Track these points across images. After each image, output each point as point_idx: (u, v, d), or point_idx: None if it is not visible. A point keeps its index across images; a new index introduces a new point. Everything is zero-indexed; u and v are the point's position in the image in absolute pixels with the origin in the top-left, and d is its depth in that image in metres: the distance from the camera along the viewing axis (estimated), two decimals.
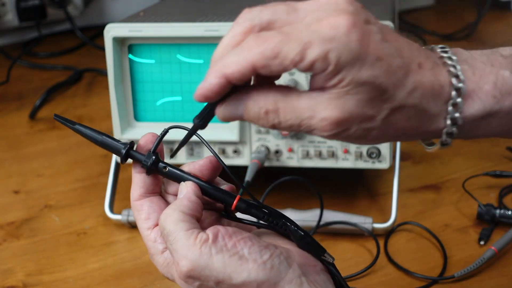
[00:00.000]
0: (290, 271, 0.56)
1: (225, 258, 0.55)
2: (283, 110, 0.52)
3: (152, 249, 0.60)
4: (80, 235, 1.00)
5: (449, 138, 0.54)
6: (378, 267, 0.90)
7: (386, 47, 0.51)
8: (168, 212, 0.57)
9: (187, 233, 0.56)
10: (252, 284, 0.55)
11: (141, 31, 0.95)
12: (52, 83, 1.49)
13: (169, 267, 0.59)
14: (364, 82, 0.50)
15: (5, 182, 1.16)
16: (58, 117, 0.61)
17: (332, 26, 0.49)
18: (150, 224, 0.60)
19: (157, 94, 0.98)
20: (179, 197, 0.59)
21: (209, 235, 0.56)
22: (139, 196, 0.61)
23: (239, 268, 0.55)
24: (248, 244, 0.56)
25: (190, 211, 0.57)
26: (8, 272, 0.93)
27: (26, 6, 1.71)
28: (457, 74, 0.53)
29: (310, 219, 0.95)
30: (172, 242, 0.56)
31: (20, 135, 1.32)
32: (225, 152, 0.98)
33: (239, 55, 0.50)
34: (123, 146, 0.60)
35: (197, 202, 0.59)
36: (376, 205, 1.03)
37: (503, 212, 0.95)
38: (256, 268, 0.55)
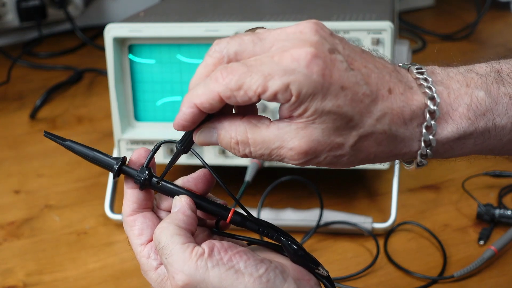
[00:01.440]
0: (285, 285, 0.56)
1: (221, 272, 0.54)
2: (253, 140, 0.53)
3: (145, 266, 0.59)
4: (81, 235, 1.00)
5: (424, 159, 0.55)
6: (378, 267, 0.90)
7: (351, 75, 0.51)
8: (163, 226, 0.57)
9: (183, 246, 0.55)
10: None
11: (141, 31, 0.95)
12: (52, 83, 1.50)
13: (163, 283, 0.58)
14: (328, 111, 0.51)
15: (5, 182, 1.16)
16: (48, 134, 0.61)
17: (294, 58, 0.50)
18: (144, 240, 0.60)
19: (157, 94, 0.98)
20: (174, 211, 0.59)
21: (205, 249, 0.55)
22: (132, 211, 0.60)
23: (235, 282, 0.54)
24: (244, 258, 0.56)
25: (185, 225, 0.57)
26: (8, 271, 0.93)
27: (26, 6, 1.71)
28: (433, 96, 0.53)
29: (310, 219, 0.95)
30: (168, 255, 0.55)
31: (20, 135, 1.32)
32: (225, 152, 0.98)
33: (206, 87, 0.52)
34: (115, 161, 0.60)
35: (192, 216, 0.58)
36: (376, 205, 1.03)
37: (502, 212, 0.95)
38: (252, 282, 0.55)
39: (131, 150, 0.99)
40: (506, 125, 0.55)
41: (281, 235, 0.60)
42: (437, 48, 1.61)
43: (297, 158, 0.52)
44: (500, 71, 0.57)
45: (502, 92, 0.55)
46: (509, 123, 0.55)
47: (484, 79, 0.55)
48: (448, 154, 0.56)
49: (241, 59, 0.53)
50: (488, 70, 0.57)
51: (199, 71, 0.55)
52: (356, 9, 1.03)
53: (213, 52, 0.54)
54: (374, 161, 0.55)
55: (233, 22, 0.94)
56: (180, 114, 0.54)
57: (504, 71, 0.57)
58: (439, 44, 1.65)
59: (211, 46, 0.54)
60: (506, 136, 0.56)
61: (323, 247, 0.94)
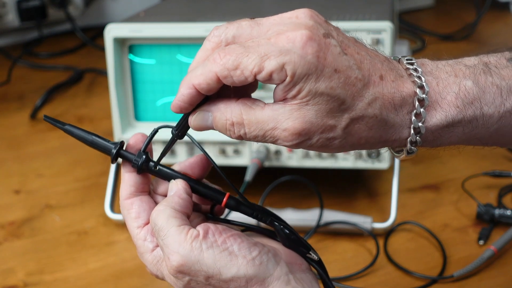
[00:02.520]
0: (278, 268, 0.57)
1: (215, 253, 0.56)
2: (248, 122, 0.54)
3: (141, 248, 0.61)
4: (81, 235, 1.01)
5: (414, 146, 0.56)
6: (378, 266, 0.90)
7: (344, 59, 0.53)
8: (159, 209, 0.58)
9: (179, 228, 0.57)
10: (241, 280, 0.56)
11: (141, 32, 0.95)
12: (52, 83, 1.50)
13: (158, 264, 0.60)
14: (321, 93, 0.52)
15: (6, 182, 1.16)
16: (47, 118, 0.62)
17: (290, 39, 0.52)
18: (140, 223, 0.61)
19: (157, 94, 0.99)
20: (170, 195, 0.60)
21: (200, 231, 0.57)
22: (129, 195, 0.62)
23: (229, 263, 0.56)
24: (238, 241, 0.57)
25: (181, 208, 0.59)
26: (9, 271, 0.93)
27: (26, 7, 1.71)
28: (422, 85, 0.55)
29: (310, 219, 0.95)
30: (164, 237, 0.57)
31: (21, 135, 1.33)
32: (225, 152, 0.98)
33: (204, 67, 0.54)
34: (113, 146, 0.61)
35: (188, 199, 0.60)
36: (376, 205, 1.03)
37: (502, 212, 0.95)
38: (245, 264, 0.56)
39: None
40: (493, 114, 0.57)
41: (275, 219, 0.61)
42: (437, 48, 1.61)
43: (290, 139, 0.54)
44: (488, 63, 0.58)
45: (489, 82, 0.57)
46: (496, 112, 0.56)
47: (472, 69, 0.57)
48: (437, 142, 0.57)
49: (240, 43, 0.54)
50: (476, 62, 0.58)
51: (198, 55, 0.56)
52: (356, 9, 1.03)
53: (212, 36, 0.56)
54: (364, 147, 0.56)
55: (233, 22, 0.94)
56: (178, 96, 0.55)
57: (492, 63, 0.58)
58: (439, 44, 1.65)
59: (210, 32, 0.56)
60: (493, 125, 0.57)
61: (323, 247, 0.94)
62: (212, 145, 0.98)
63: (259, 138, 0.55)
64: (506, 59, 0.59)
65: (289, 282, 0.57)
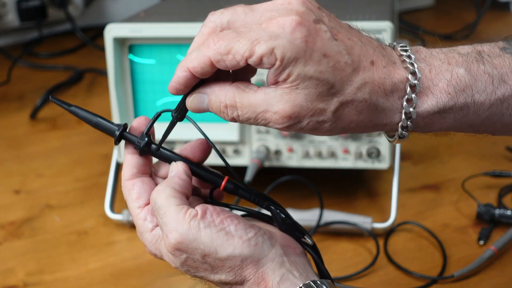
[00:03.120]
0: (273, 250, 0.59)
1: (213, 233, 0.58)
2: (240, 104, 0.56)
3: (141, 227, 0.63)
4: (81, 235, 1.01)
5: (405, 131, 0.57)
6: (378, 266, 0.90)
7: (334, 45, 0.54)
8: (160, 189, 0.60)
9: (177, 208, 0.59)
10: (237, 259, 0.58)
11: (141, 32, 0.95)
12: (52, 83, 1.50)
13: (157, 243, 0.61)
14: (310, 77, 0.53)
15: (6, 182, 1.16)
16: (54, 98, 0.64)
17: (280, 24, 0.53)
18: (141, 203, 0.63)
19: (157, 94, 0.99)
20: (170, 175, 0.62)
21: (198, 211, 0.59)
22: (131, 176, 0.63)
23: (225, 243, 0.58)
24: (235, 222, 0.59)
25: (181, 188, 0.61)
26: (9, 271, 0.93)
27: (26, 7, 1.71)
28: (414, 72, 0.56)
29: (310, 219, 0.95)
30: (163, 216, 0.59)
31: (21, 135, 1.32)
32: (225, 152, 0.98)
33: (199, 52, 0.56)
34: (116, 127, 0.63)
35: (187, 181, 0.62)
36: (376, 205, 1.03)
37: (502, 212, 0.95)
38: (241, 244, 0.58)
39: None
40: (484, 101, 0.57)
41: (271, 203, 0.63)
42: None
43: (281, 122, 0.55)
44: (481, 52, 0.59)
45: (481, 70, 0.57)
46: (487, 100, 0.57)
47: (465, 58, 0.58)
48: (428, 128, 0.58)
49: (233, 28, 0.56)
50: (470, 51, 0.59)
51: (195, 41, 0.58)
52: (356, 9, 1.03)
53: (208, 22, 0.58)
54: (355, 130, 0.57)
55: None
56: (174, 78, 0.57)
57: (485, 51, 0.59)
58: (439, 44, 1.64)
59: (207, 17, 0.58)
60: (484, 112, 0.58)
61: (323, 247, 0.94)
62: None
63: (252, 121, 0.56)
64: (499, 48, 0.60)
65: (283, 264, 0.59)
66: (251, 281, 0.59)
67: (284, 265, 0.59)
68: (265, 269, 0.59)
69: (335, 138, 0.96)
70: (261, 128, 0.97)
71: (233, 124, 0.96)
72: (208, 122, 0.98)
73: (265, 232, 0.60)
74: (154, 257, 0.94)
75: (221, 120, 0.96)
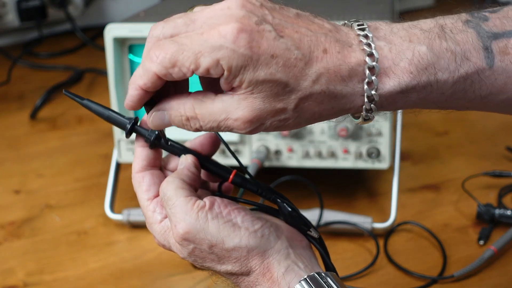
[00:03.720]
0: (278, 242, 0.61)
1: (220, 224, 0.59)
2: (201, 115, 0.56)
3: (150, 219, 0.64)
4: (81, 235, 1.00)
5: (369, 113, 0.56)
6: (378, 266, 0.90)
7: (281, 43, 0.53)
8: (169, 180, 0.62)
9: (186, 199, 0.60)
10: (243, 250, 0.59)
11: (141, 31, 0.95)
12: (52, 83, 1.50)
13: (166, 234, 0.62)
14: (263, 80, 0.53)
15: (6, 182, 1.16)
16: (67, 92, 0.65)
17: (221, 34, 0.52)
18: (150, 195, 0.64)
19: None
20: (180, 168, 0.64)
21: (206, 203, 0.60)
22: (141, 168, 0.65)
23: (232, 234, 0.59)
24: (242, 214, 0.61)
25: (190, 180, 0.62)
26: (8, 271, 0.93)
27: (26, 7, 1.71)
28: (372, 53, 0.54)
29: (310, 219, 0.94)
30: (171, 206, 0.60)
31: (20, 135, 1.32)
32: (225, 152, 0.98)
33: (144, 67, 0.55)
34: (128, 121, 0.64)
35: (196, 173, 0.64)
36: (376, 205, 1.03)
37: (502, 212, 0.95)
38: (247, 235, 0.60)
39: (131, 150, 0.99)
40: (447, 79, 0.56)
41: (278, 197, 0.64)
42: None
43: (243, 128, 0.55)
44: (444, 26, 0.58)
45: (444, 47, 0.56)
46: (451, 77, 0.56)
47: (427, 34, 0.56)
48: (392, 106, 0.57)
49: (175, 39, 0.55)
50: (432, 26, 0.57)
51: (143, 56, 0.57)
52: (356, 9, 1.03)
53: (151, 38, 0.56)
54: (321, 119, 0.57)
55: None
56: (128, 96, 0.57)
57: (448, 26, 0.58)
58: None
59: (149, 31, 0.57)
60: (448, 90, 0.56)
61: None
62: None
63: (215, 129, 0.56)
64: (462, 22, 0.58)
65: (289, 256, 0.60)
66: (256, 271, 0.60)
67: (289, 257, 0.60)
68: (270, 260, 0.60)
69: (335, 138, 0.96)
70: None
71: None
72: None
73: (271, 224, 0.61)
74: (154, 256, 0.95)
75: None
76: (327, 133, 0.96)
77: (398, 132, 1.00)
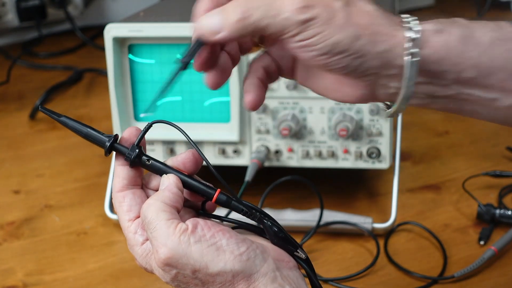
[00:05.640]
0: (265, 265, 0.58)
1: (203, 248, 0.57)
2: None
3: (132, 241, 0.61)
4: (80, 235, 1.00)
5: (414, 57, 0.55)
6: (378, 267, 0.90)
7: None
8: (150, 202, 0.59)
9: (168, 222, 0.58)
10: (228, 274, 0.57)
11: (141, 31, 0.95)
12: (52, 83, 1.50)
13: (148, 257, 0.60)
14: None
15: (5, 182, 1.16)
16: (44, 109, 0.63)
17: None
18: (132, 216, 0.62)
19: None
20: (161, 189, 0.61)
21: (189, 226, 0.58)
22: (122, 187, 0.62)
23: (216, 258, 0.57)
24: (226, 236, 0.58)
25: (171, 202, 0.59)
26: (8, 272, 0.93)
27: (26, 6, 1.71)
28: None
29: (310, 219, 0.95)
30: (153, 230, 0.58)
31: (20, 135, 1.32)
32: (225, 152, 0.98)
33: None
34: (107, 139, 0.62)
35: (178, 194, 0.61)
36: (376, 205, 1.03)
37: (503, 212, 0.95)
38: (232, 259, 0.57)
39: None
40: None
41: (264, 217, 0.62)
42: None
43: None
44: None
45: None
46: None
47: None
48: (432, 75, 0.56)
49: None
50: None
51: None
52: None
53: None
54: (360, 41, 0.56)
55: None
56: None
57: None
58: None
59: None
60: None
61: (323, 247, 0.94)
62: (212, 145, 0.98)
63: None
64: None
65: (275, 279, 0.58)
66: None
67: (276, 280, 0.58)
68: (257, 284, 0.57)
69: (335, 138, 0.96)
70: (261, 128, 0.97)
71: (233, 124, 0.96)
72: (208, 122, 0.98)
73: (257, 246, 0.59)
74: None
75: (221, 120, 0.97)
76: (327, 133, 0.96)
77: (399, 132, 1.00)
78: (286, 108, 0.96)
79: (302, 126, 0.96)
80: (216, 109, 0.97)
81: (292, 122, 0.95)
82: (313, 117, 0.96)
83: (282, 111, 0.96)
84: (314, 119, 0.96)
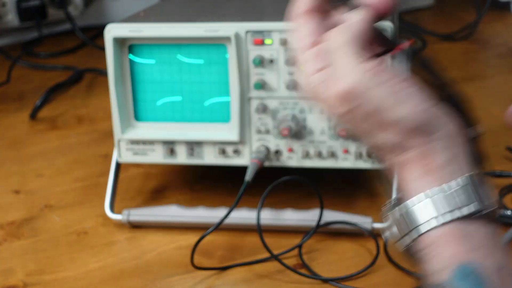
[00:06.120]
0: (446, 128, 0.54)
1: (387, 91, 0.53)
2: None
3: (308, 65, 0.57)
4: (81, 235, 1.00)
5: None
6: (378, 267, 0.90)
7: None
8: (340, 30, 0.56)
9: (355, 55, 0.54)
10: (404, 126, 0.53)
11: (141, 31, 0.95)
12: (52, 83, 1.50)
13: (319, 86, 0.56)
14: None
15: (5, 182, 1.16)
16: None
17: None
18: (312, 40, 0.57)
19: (157, 94, 0.98)
20: (352, 21, 0.57)
21: (377, 65, 0.54)
22: (307, 10, 0.58)
23: (397, 106, 0.53)
24: (415, 88, 0.54)
25: (361, 36, 0.56)
26: (8, 271, 0.93)
27: (26, 6, 1.71)
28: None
29: (310, 219, 0.95)
30: (339, 59, 0.54)
31: (20, 135, 1.32)
32: (225, 152, 0.98)
33: None
34: None
35: (369, 31, 0.57)
36: (376, 205, 1.03)
37: (502, 212, 0.95)
38: (414, 111, 0.53)
39: (131, 150, 0.99)
40: None
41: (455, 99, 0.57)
42: (437, 48, 1.61)
43: None
44: None
45: None
46: None
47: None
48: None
49: None
50: None
51: None
52: None
53: None
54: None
55: (233, 22, 0.94)
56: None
57: None
58: (439, 44, 1.65)
59: None
60: None
61: (323, 247, 0.94)
62: (212, 145, 0.98)
63: None
64: None
65: (453, 147, 0.54)
66: (414, 152, 0.54)
67: (453, 148, 0.54)
68: (434, 145, 0.53)
69: (335, 138, 0.96)
70: (261, 128, 0.97)
71: (233, 124, 0.96)
72: (208, 122, 0.98)
73: (441, 107, 0.54)
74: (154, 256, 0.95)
75: (221, 120, 0.97)
76: (327, 133, 0.96)
77: None
78: (286, 108, 0.96)
79: (302, 126, 0.96)
80: (216, 109, 0.97)
81: (292, 122, 0.95)
82: (313, 117, 0.96)
83: (282, 111, 0.96)
84: (314, 119, 0.96)
